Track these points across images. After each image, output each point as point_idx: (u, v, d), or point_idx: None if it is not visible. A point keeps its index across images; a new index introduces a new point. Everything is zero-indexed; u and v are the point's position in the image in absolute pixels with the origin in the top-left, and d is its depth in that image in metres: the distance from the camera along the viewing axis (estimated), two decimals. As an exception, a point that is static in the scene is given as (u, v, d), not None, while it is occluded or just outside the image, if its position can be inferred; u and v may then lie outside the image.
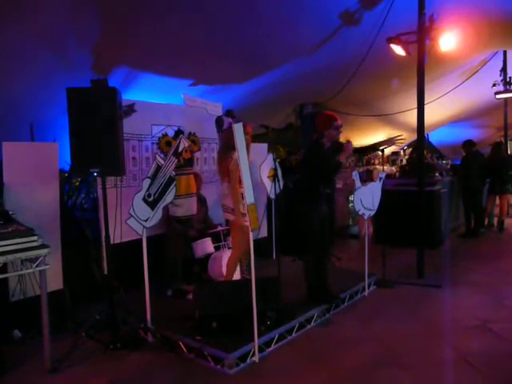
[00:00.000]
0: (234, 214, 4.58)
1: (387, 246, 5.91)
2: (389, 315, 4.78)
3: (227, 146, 4.57)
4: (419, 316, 4.74)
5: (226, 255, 5.22)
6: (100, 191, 4.40)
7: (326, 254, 4.96)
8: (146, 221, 4.04)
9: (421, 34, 5.83)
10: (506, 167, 9.16)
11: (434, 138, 15.12)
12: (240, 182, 4.50)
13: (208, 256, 5.37)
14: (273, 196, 5.68)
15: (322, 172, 4.63)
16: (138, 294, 4.34)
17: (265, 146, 6.58)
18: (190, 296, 4.81)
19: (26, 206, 4.14)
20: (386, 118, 11.77)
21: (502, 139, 12.58)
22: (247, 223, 3.96)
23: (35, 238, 3.49)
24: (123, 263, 4.88)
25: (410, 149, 13.59)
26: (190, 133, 5.49)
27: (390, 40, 6.53)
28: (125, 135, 4.34)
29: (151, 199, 4.04)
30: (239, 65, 6.78)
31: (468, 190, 8.67)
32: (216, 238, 5.59)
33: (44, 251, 3.50)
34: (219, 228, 5.71)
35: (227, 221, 5.04)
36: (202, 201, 5.57)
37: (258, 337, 3.79)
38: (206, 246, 5.36)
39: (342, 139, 4.88)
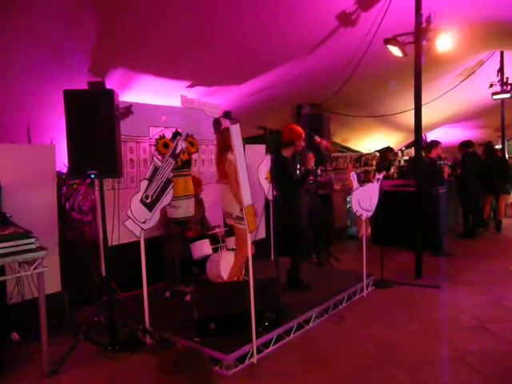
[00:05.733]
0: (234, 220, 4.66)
1: (385, 247, 5.91)
2: (387, 315, 4.79)
3: (222, 148, 4.65)
4: (418, 316, 4.74)
5: (224, 257, 5.22)
6: (97, 193, 4.39)
7: (307, 251, 5.46)
8: (144, 222, 4.04)
9: (417, 35, 5.84)
10: (503, 167, 9.19)
11: (432, 138, 15.13)
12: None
13: (206, 257, 5.37)
14: (270, 197, 5.67)
15: (290, 183, 5.07)
16: (137, 295, 4.34)
17: (262, 147, 6.58)
18: (188, 297, 4.80)
19: (23, 208, 4.13)
20: (383, 119, 11.79)
21: (499, 140, 12.62)
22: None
23: (33, 240, 3.48)
24: (121, 265, 4.89)
25: (408, 150, 13.64)
26: (187, 134, 5.49)
27: (387, 41, 6.55)
28: (122, 137, 4.34)
29: (149, 201, 4.04)
30: (237, 66, 6.78)
31: (466, 190, 8.68)
32: (214, 240, 5.59)
33: (41, 254, 3.49)
34: (217, 230, 5.71)
35: (230, 225, 5.05)
36: (199, 202, 5.57)
37: (257, 338, 3.79)
38: (204, 247, 5.35)
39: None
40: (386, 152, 9.43)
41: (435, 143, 7.59)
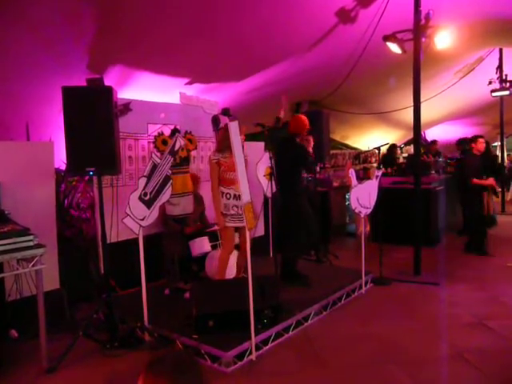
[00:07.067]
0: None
1: (384, 244, 5.92)
2: (386, 313, 4.79)
3: (220, 145, 4.69)
4: (416, 314, 4.75)
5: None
6: (96, 190, 4.39)
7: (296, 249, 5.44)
8: (143, 220, 4.04)
9: (416, 32, 5.83)
10: (495, 165, 9.21)
11: (431, 135, 15.16)
12: (223, 181, 4.57)
13: (205, 255, 5.37)
14: (269, 194, 5.67)
15: (305, 159, 5.29)
16: (135, 293, 4.33)
17: (261, 144, 6.57)
18: (187, 295, 4.80)
19: (21, 205, 4.13)
20: (382, 116, 11.78)
21: (498, 137, 12.64)
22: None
23: (31, 237, 3.47)
24: (120, 262, 4.89)
25: (407, 147, 13.65)
26: (186, 131, 5.48)
27: (386, 38, 6.54)
28: (121, 134, 4.34)
29: (147, 198, 4.03)
30: (236, 63, 6.76)
31: (467, 188, 8.64)
32: (213, 237, 5.58)
33: (40, 251, 3.49)
34: (216, 227, 5.70)
35: None
36: (198, 199, 5.56)
37: (255, 335, 3.79)
38: (203, 244, 5.35)
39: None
40: (393, 149, 9.49)
41: (473, 138, 7.03)
